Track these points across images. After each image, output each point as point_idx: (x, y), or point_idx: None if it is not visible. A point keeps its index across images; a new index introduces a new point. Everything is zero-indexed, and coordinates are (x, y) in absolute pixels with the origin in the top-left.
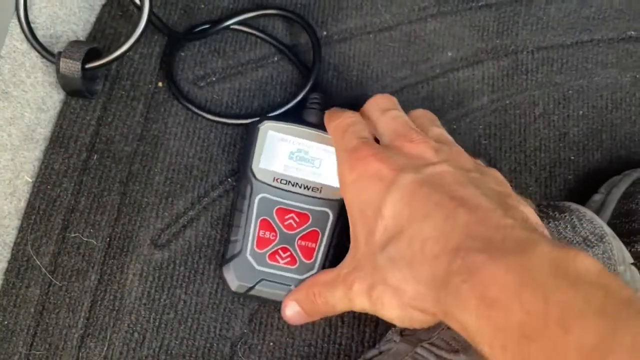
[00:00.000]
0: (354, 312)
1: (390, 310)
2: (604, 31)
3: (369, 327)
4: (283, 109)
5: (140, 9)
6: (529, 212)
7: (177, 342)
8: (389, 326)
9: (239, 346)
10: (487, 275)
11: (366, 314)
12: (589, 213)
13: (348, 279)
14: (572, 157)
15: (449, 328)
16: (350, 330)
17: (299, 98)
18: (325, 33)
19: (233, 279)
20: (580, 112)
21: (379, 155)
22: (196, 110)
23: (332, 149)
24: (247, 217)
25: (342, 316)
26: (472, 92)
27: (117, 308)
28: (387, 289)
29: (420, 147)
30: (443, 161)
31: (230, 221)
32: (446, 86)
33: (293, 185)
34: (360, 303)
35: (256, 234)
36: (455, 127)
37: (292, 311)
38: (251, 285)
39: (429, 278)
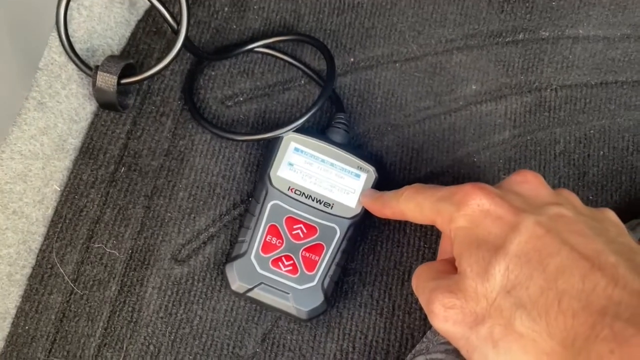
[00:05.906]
0: (365, 339)
1: (520, 357)
2: (629, 73)
3: (379, 355)
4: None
5: (176, 32)
6: None
7: (190, 357)
8: (400, 354)
9: None
10: (638, 351)
11: (377, 338)
12: None
13: (441, 298)
14: (591, 197)
15: None
16: (361, 356)
17: (305, 117)
18: (352, 59)
19: (234, 278)
20: (601, 153)
21: (490, 193)
22: (213, 130)
23: (350, 169)
24: (257, 221)
25: (353, 342)
26: (494, 126)
27: (134, 320)
28: (512, 334)
29: (535, 185)
30: (559, 203)
31: (241, 222)
32: (468, 119)
33: (306, 198)
34: (458, 332)
35: (263, 238)
36: (475, 159)
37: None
38: (250, 287)
39: (563, 335)
